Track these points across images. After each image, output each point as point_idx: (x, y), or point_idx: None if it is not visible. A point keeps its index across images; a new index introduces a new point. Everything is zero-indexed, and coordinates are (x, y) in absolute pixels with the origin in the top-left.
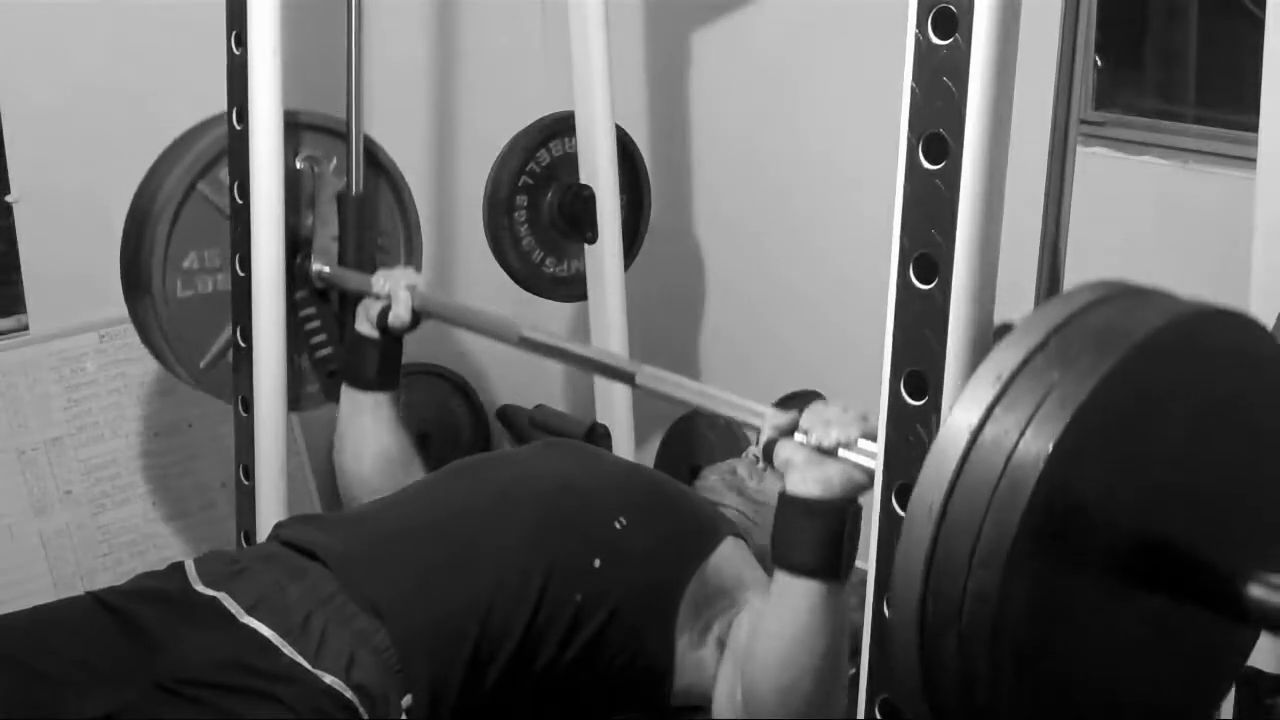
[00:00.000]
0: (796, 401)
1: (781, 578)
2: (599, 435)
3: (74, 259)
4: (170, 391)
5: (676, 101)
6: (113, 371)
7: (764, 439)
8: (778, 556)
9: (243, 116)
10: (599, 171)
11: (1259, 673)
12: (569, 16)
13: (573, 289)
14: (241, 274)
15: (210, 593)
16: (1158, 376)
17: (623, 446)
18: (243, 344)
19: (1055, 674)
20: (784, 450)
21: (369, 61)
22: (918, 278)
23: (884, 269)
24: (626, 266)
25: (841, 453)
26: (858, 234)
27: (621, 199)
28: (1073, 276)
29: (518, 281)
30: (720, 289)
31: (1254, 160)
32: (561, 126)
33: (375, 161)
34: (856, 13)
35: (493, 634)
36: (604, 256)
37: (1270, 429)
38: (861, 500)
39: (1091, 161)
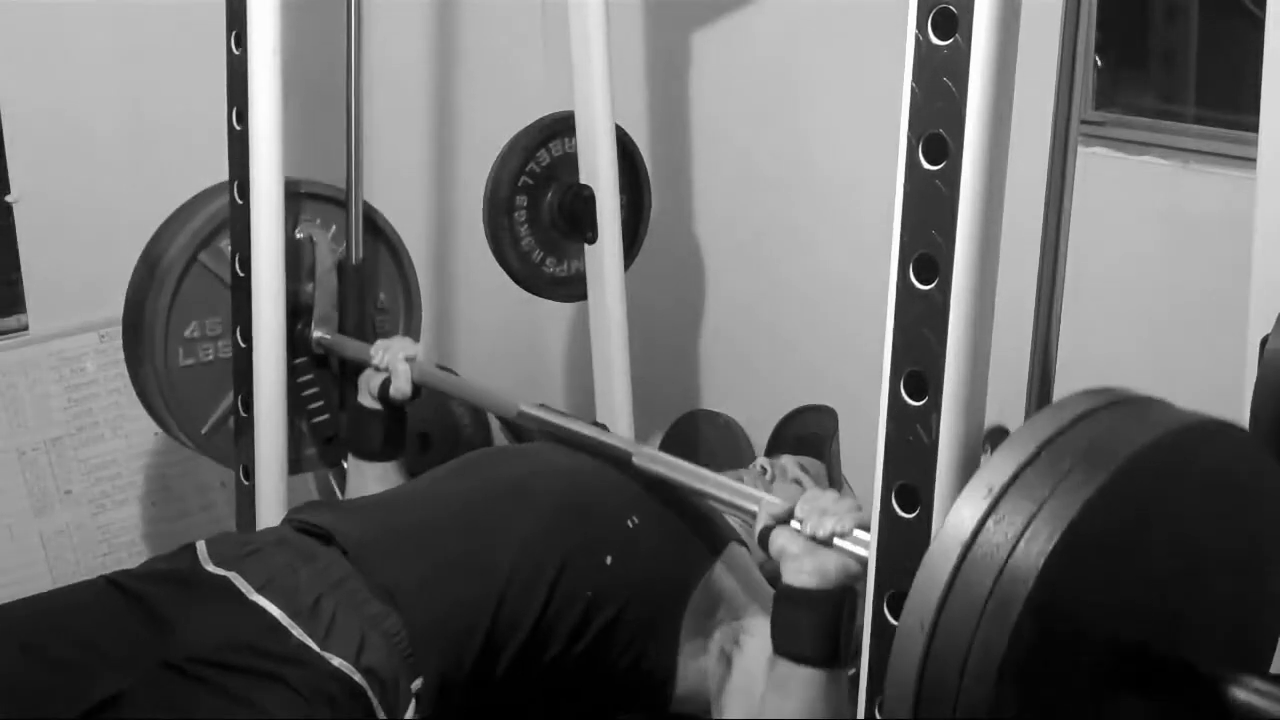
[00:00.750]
0: (805, 417)
1: (782, 666)
2: None
3: (74, 259)
4: None
5: (676, 101)
6: (113, 371)
7: (759, 527)
8: (777, 646)
9: (242, 117)
10: (599, 171)
11: None
12: (569, 16)
13: (573, 289)
14: (242, 274)
15: (221, 572)
16: (1146, 492)
17: None
18: (243, 344)
19: None
20: (779, 539)
21: (369, 61)
22: (918, 278)
23: (884, 269)
24: (626, 266)
25: (836, 541)
26: (857, 234)
27: (621, 199)
28: (1073, 277)
29: (518, 281)
30: (720, 289)
31: (1254, 160)
32: (561, 126)
33: (374, 228)
34: (856, 13)
35: (503, 625)
36: (604, 256)
37: (1257, 536)
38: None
39: (1092, 161)
